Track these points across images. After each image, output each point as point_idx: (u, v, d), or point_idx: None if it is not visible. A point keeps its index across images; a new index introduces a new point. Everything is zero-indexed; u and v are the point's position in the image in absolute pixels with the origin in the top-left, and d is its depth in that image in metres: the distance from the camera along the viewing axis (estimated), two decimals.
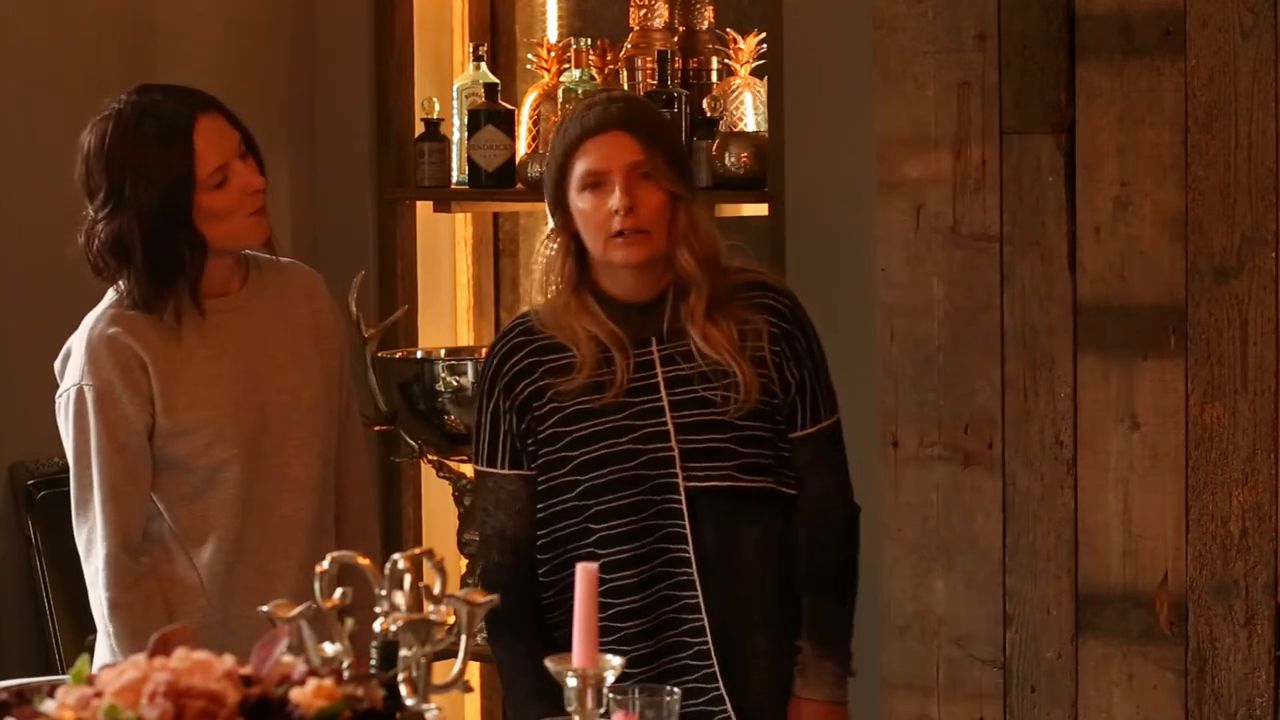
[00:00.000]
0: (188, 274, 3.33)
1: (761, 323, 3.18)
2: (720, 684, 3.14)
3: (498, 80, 4.57)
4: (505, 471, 3.22)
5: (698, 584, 3.13)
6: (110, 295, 3.40)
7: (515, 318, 3.31)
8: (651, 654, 3.15)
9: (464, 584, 4.40)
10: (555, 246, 3.21)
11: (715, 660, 3.13)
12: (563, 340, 3.17)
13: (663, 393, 3.14)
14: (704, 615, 3.13)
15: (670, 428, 3.13)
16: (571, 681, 2.29)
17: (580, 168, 3.13)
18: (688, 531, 3.12)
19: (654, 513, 3.13)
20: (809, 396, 3.22)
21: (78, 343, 3.36)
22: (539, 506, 3.20)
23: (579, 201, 3.14)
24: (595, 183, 3.12)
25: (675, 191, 3.13)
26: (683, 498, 3.12)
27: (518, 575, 3.21)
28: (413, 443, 4.45)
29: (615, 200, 3.09)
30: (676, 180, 3.14)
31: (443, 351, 4.59)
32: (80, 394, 3.32)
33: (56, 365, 3.40)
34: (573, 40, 4.49)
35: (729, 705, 3.15)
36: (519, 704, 3.21)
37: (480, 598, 2.22)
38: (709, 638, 3.13)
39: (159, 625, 3.27)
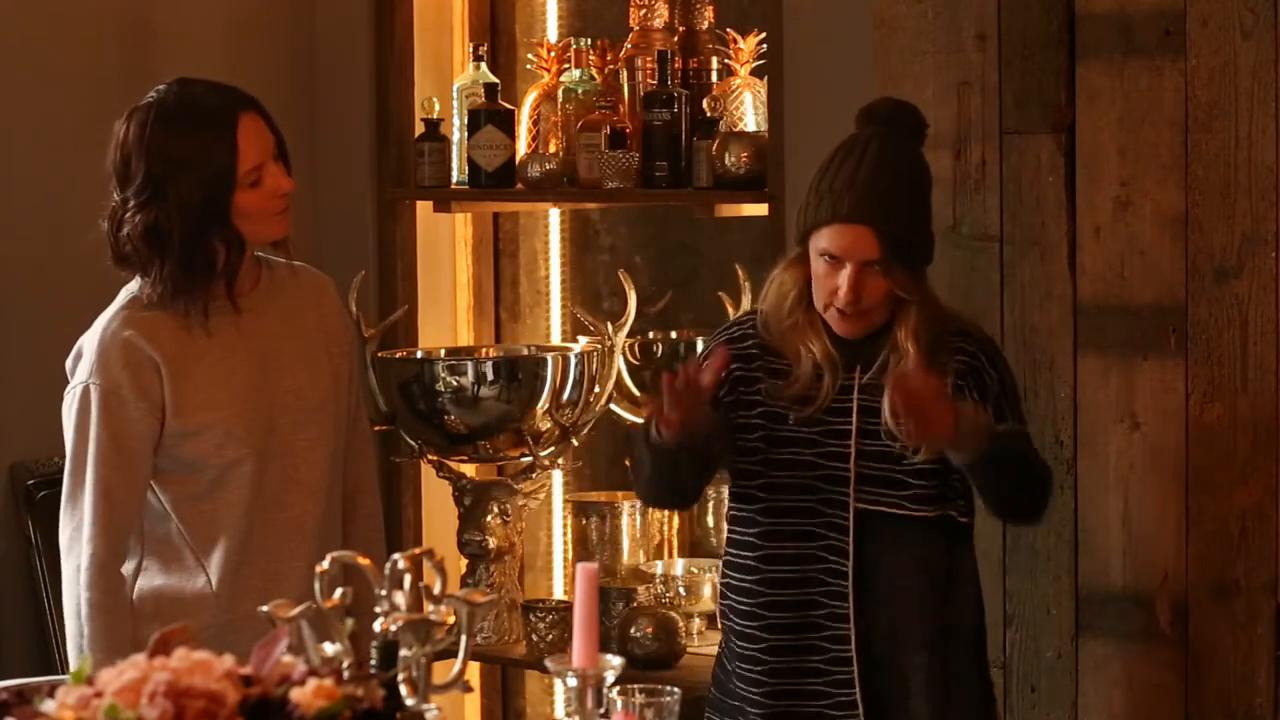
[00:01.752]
0: (221, 270, 3.32)
1: (953, 363, 3.28)
2: (856, 690, 3.27)
3: (498, 80, 4.56)
4: None
5: (850, 596, 3.26)
6: (124, 295, 3.38)
7: (746, 313, 3.53)
8: (791, 646, 3.30)
9: (464, 584, 4.39)
10: (790, 273, 3.32)
11: (855, 668, 3.27)
12: (782, 351, 3.31)
13: (854, 418, 3.27)
14: (851, 626, 3.26)
15: (852, 451, 3.27)
16: (571, 681, 2.29)
17: (822, 241, 3.23)
18: (849, 547, 3.26)
19: (821, 523, 3.28)
20: None
21: (89, 341, 3.35)
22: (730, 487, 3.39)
23: (816, 261, 3.25)
24: (831, 258, 3.22)
25: (904, 296, 3.24)
26: (850, 515, 3.26)
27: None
28: (413, 443, 4.45)
29: (843, 287, 3.21)
30: (908, 283, 3.24)
31: (443, 351, 4.58)
32: (86, 392, 3.31)
33: (68, 364, 3.39)
34: (573, 40, 4.49)
35: (860, 711, 3.28)
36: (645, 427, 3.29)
37: (480, 598, 2.22)
38: (852, 646, 3.27)
39: (128, 634, 3.28)
